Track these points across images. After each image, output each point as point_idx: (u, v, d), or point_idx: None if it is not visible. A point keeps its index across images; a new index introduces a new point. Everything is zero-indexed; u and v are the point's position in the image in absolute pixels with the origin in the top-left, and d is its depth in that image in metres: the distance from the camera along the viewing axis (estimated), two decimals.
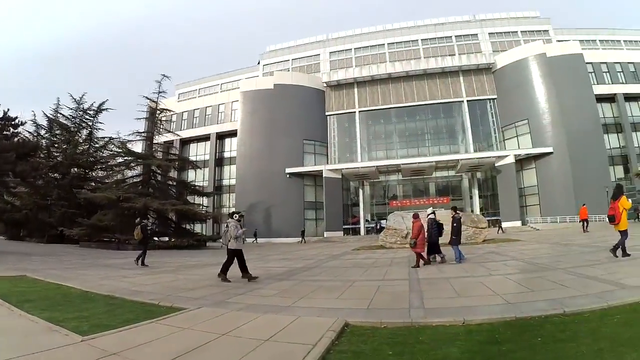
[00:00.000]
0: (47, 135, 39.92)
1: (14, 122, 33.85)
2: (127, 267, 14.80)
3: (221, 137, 54.14)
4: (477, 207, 45.03)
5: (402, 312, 6.09)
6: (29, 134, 38.18)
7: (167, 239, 31.55)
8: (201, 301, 7.54)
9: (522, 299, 6.42)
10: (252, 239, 38.62)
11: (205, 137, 54.39)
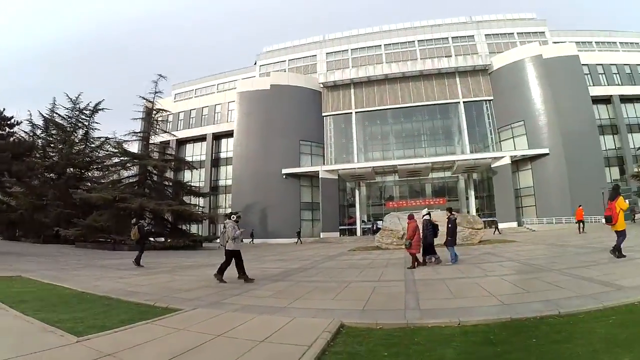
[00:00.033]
0: (43, 135, 39.66)
1: (9, 122, 33.82)
2: (123, 268, 14.70)
3: (217, 137, 54.15)
4: (473, 208, 45.24)
5: (397, 313, 6.10)
6: (24, 133, 38.04)
7: (163, 240, 31.42)
8: (197, 302, 7.51)
9: (517, 300, 6.43)
10: (249, 240, 38.59)
11: (201, 138, 54.37)
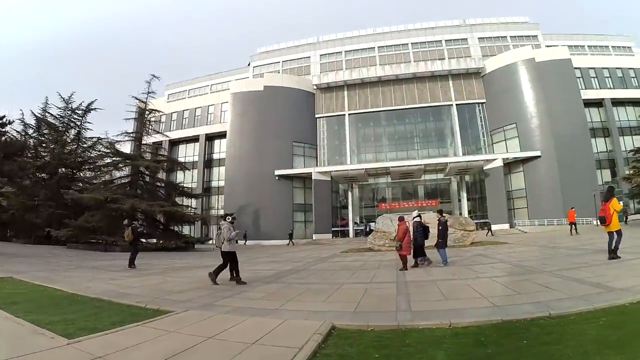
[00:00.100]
0: (35, 134, 39.25)
1: (1, 121, 33.56)
2: (115, 269, 14.60)
3: (210, 138, 54.00)
4: (465, 210, 45.44)
5: (389, 315, 6.11)
6: (16, 133, 37.80)
7: (154, 241, 31.24)
8: (188, 304, 7.48)
9: (508, 302, 6.46)
10: (243, 241, 38.47)
11: (194, 138, 54.15)
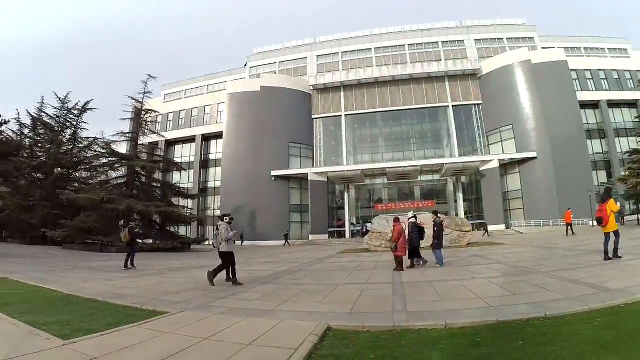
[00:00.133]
0: (30, 134, 38.97)
1: None
2: (111, 270, 14.57)
3: (207, 138, 53.86)
4: (461, 211, 45.42)
5: (385, 315, 6.12)
6: (12, 132, 37.54)
7: (151, 242, 31.10)
8: (184, 305, 7.47)
9: (504, 303, 6.49)
10: (239, 242, 38.37)
11: (190, 139, 53.97)
